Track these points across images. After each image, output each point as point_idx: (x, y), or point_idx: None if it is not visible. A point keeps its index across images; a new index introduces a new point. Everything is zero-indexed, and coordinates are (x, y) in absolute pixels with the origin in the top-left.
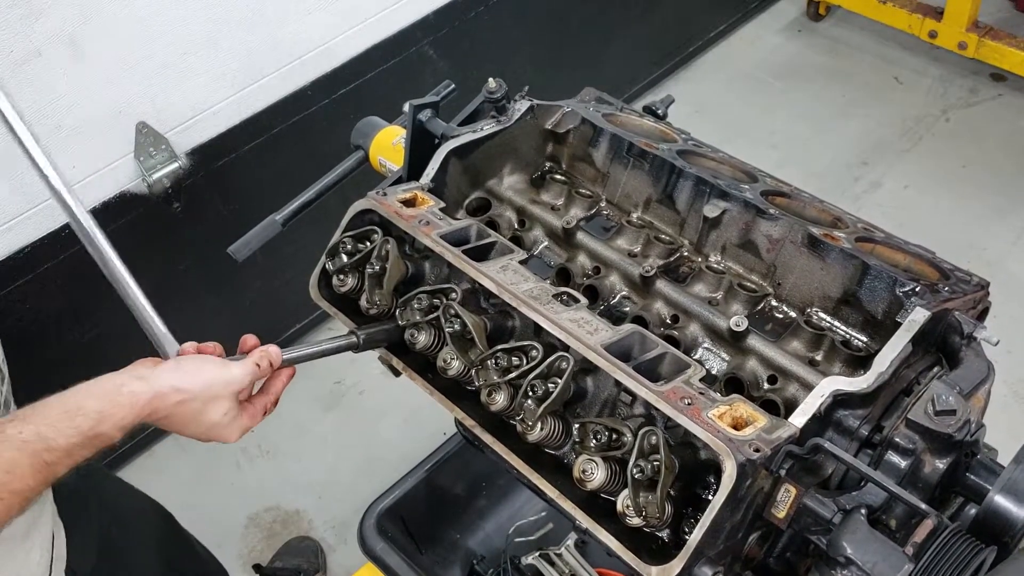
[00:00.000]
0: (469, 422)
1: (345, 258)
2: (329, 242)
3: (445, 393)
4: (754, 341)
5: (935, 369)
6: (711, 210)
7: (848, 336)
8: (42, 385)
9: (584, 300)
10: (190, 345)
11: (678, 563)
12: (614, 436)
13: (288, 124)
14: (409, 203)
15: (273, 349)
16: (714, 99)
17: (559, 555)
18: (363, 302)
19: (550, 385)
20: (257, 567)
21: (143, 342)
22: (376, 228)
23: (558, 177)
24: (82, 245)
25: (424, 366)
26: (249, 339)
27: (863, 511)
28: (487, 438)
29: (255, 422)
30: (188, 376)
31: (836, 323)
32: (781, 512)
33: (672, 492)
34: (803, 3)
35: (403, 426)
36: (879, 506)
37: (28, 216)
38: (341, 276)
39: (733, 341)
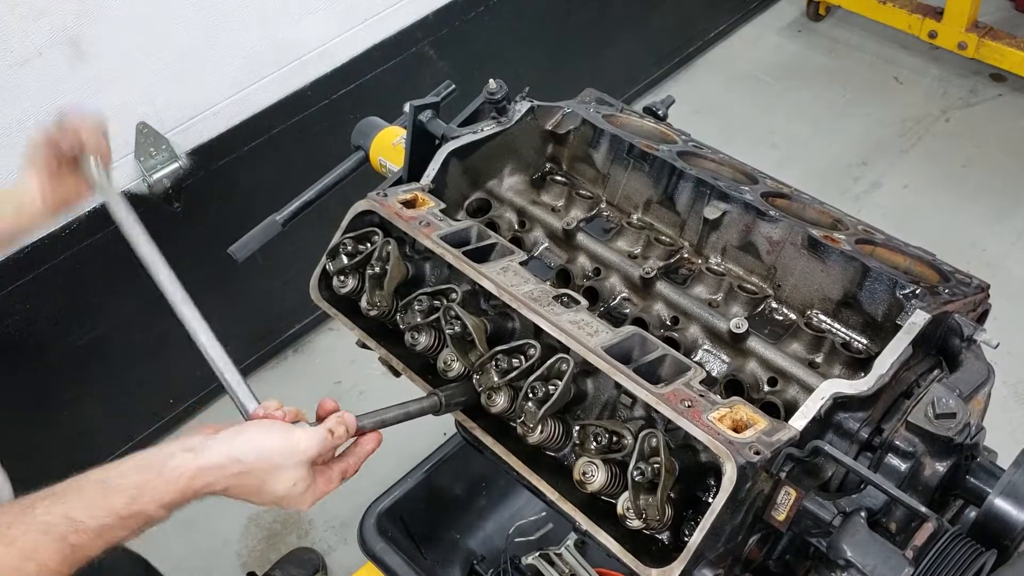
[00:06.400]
0: (469, 424)
1: (345, 259)
2: (329, 243)
3: None
4: (754, 343)
5: (935, 372)
6: (711, 212)
7: (848, 338)
8: (41, 386)
9: (584, 302)
10: (263, 408)
11: (678, 565)
12: (614, 438)
13: (288, 124)
14: (409, 204)
15: (348, 416)
16: (714, 99)
17: (559, 555)
18: (363, 303)
19: (550, 387)
20: (252, 575)
21: (144, 343)
22: (377, 229)
23: (558, 178)
24: (82, 246)
25: (424, 367)
26: (327, 403)
27: (863, 514)
28: (487, 440)
29: (331, 487)
30: (246, 446)
31: (836, 325)
32: (781, 514)
33: (672, 494)
34: (803, 3)
35: (403, 426)
36: (879, 509)
37: None
38: (342, 277)
39: (733, 343)
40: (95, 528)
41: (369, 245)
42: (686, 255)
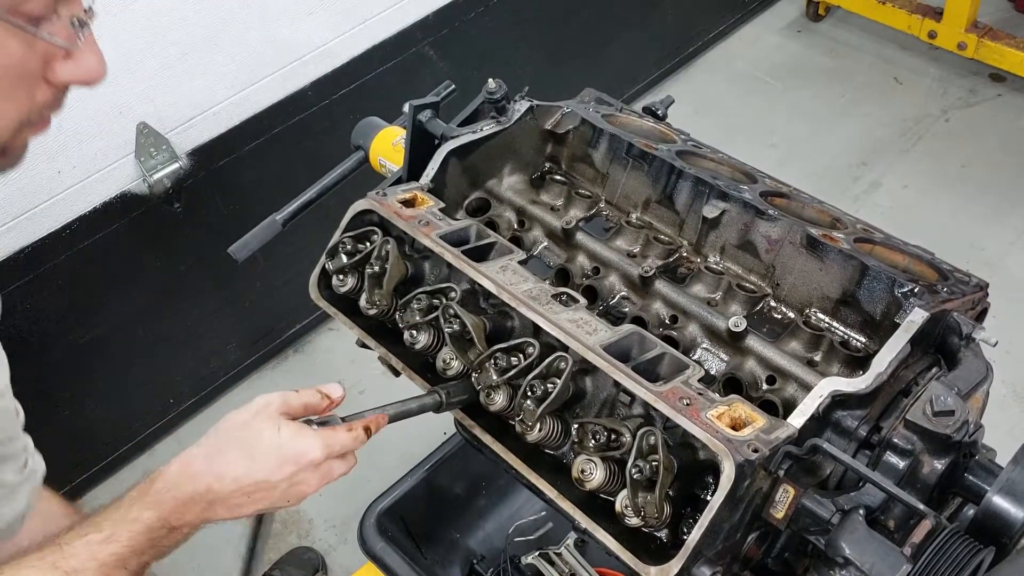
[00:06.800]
0: (468, 422)
1: (345, 258)
2: (329, 242)
3: None
4: (753, 342)
5: (934, 370)
6: (710, 211)
7: (847, 337)
8: (44, 384)
9: (583, 300)
10: None
11: (677, 563)
12: (613, 436)
13: (288, 124)
14: (409, 203)
15: (330, 386)
16: (714, 99)
17: (559, 555)
18: (363, 302)
19: (549, 385)
20: None
21: (146, 343)
22: (376, 228)
23: (558, 178)
24: (82, 246)
25: (424, 366)
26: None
27: (861, 512)
28: (486, 438)
29: (341, 436)
30: (211, 430)
31: (835, 324)
32: (779, 512)
33: (671, 492)
34: (803, 3)
35: (403, 426)
36: (877, 507)
37: (29, 216)
38: (341, 276)
39: (732, 341)
40: (81, 545)
41: (368, 244)
42: (685, 254)
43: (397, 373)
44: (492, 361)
